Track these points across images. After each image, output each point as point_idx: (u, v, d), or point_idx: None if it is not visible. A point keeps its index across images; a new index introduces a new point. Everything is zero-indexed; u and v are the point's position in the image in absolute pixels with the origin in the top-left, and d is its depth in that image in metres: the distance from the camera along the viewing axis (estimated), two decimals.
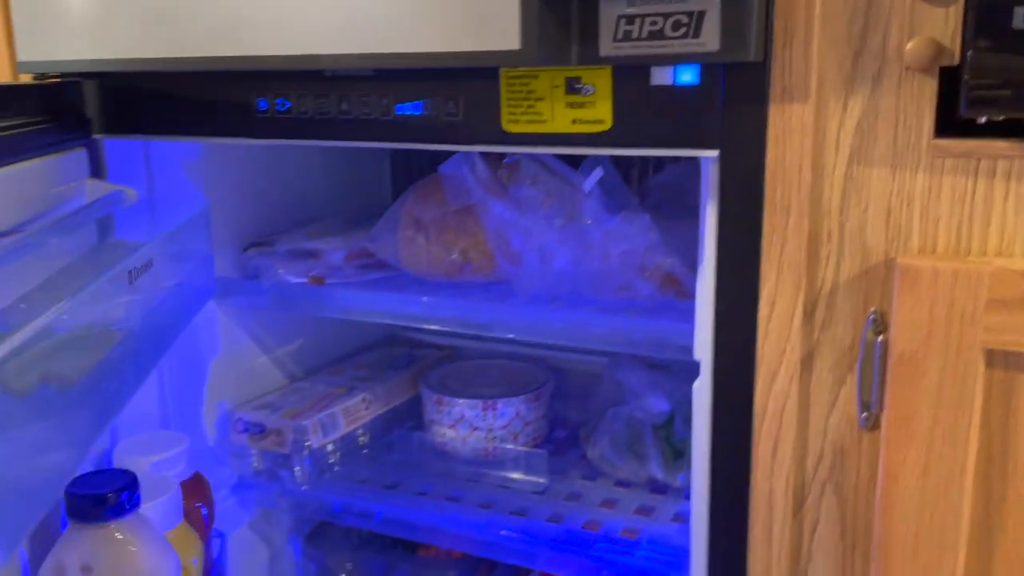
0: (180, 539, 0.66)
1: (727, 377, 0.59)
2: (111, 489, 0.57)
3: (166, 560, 0.59)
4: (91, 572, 0.57)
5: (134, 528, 0.58)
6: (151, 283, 0.65)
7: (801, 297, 0.55)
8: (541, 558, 0.82)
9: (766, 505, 0.58)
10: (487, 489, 0.91)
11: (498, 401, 0.94)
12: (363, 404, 0.97)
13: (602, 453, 0.92)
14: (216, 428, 0.92)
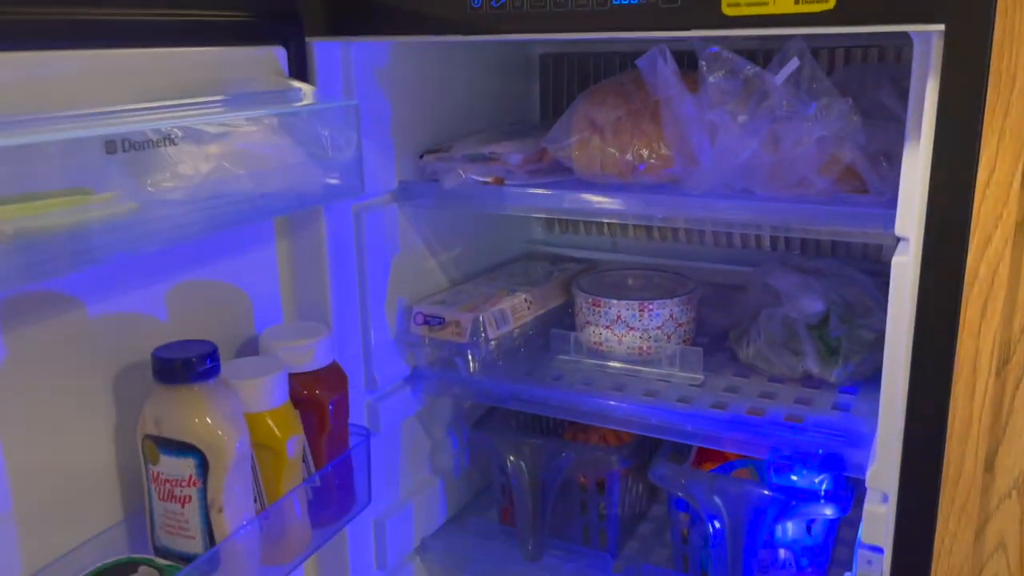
0: (283, 417, 0.70)
1: (937, 247, 0.63)
2: (186, 356, 0.63)
3: (231, 429, 0.64)
4: (160, 424, 0.64)
5: (205, 393, 0.64)
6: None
7: (1022, 162, 0.58)
8: (712, 439, 0.87)
9: (971, 364, 0.63)
10: (647, 383, 0.96)
11: (653, 302, 1.00)
12: (525, 304, 1.04)
13: (758, 350, 0.97)
14: (396, 322, 0.99)
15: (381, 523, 1.01)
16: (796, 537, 0.92)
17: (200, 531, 0.64)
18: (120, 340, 0.67)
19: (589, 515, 1.04)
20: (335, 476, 0.76)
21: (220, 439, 0.63)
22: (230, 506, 0.64)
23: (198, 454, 0.63)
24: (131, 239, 0.53)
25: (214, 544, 0.64)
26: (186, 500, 0.64)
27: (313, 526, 0.75)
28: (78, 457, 0.65)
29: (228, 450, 0.63)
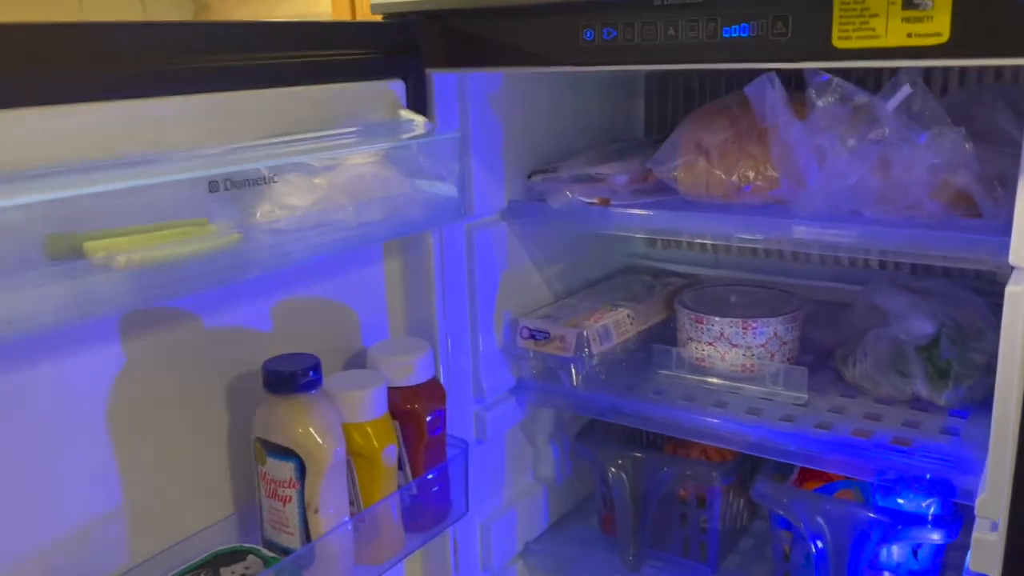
0: (380, 428, 0.76)
1: None
2: (291, 369, 0.69)
3: (328, 438, 0.70)
4: (267, 429, 0.71)
5: (307, 403, 0.70)
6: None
7: None
8: (815, 460, 0.88)
9: None
10: (749, 400, 0.97)
11: (757, 320, 1.00)
12: (628, 319, 1.06)
13: (864, 371, 0.97)
14: (503, 334, 1.04)
15: (487, 527, 1.06)
16: (901, 561, 0.92)
17: (298, 528, 0.70)
18: (236, 350, 0.73)
19: (689, 528, 1.06)
20: (431, 485, 0.81)
21: (317, 447, 0.69)
22: (325, 508, 0.70)
23: (297, 459, 0.69)
24: (232, 267, 0.59)
25: (310, 541, 0.69)
26: (287, 500, 0.70)
27: (409, 531, 0.80)
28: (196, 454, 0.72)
29: (324, 458, 0.69)
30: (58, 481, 0.63)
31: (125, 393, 0.66)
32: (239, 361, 0.73)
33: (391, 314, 0.88)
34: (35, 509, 0.62)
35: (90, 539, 0.65)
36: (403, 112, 0.80)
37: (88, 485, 0.65)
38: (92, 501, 0.65)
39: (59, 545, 0.63)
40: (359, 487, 0.75)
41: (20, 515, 0.61)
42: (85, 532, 0.65)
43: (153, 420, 0.69)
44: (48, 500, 0.62)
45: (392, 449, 0.76)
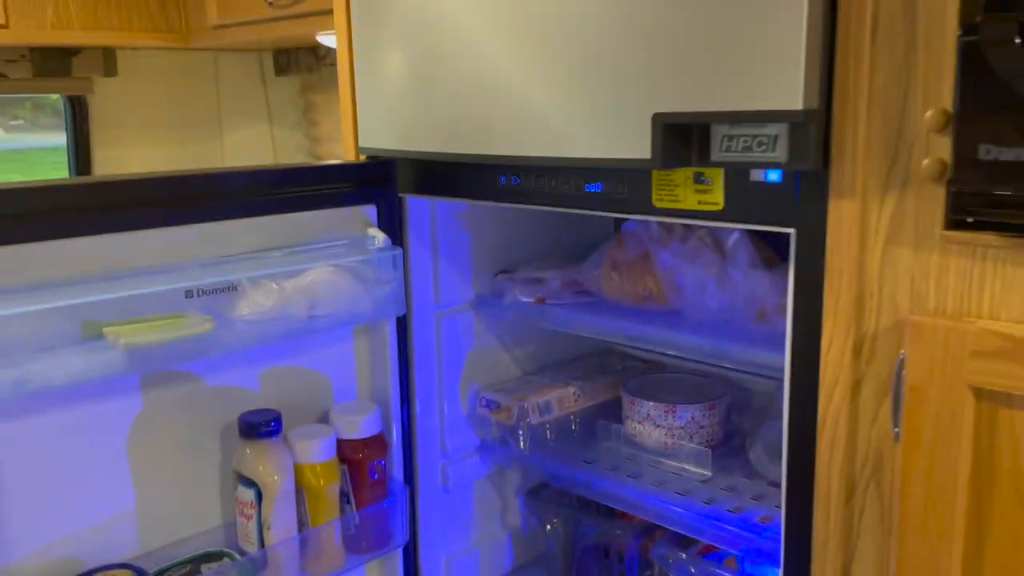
0: (326, 469, 1.00)
1: (799, 394, 0.80)
2: (256, 420, 0.96)
3: (279, 474, 0.96)
4: (240, 464, 0.96)
5: (267, 447, 0.96)
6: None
7: (851, 339, 0.75)
8: (691, 527, 1.05)
9: (825, 495, 0.79)
10: (663, 474, 1.16)
11: (678, 406, 1.19)
12: (574, 396, 1.27)
13: (757, 457, 1.13)
14: (468, 402, 1.27)
15: (450, 563, 1.28)
16: None
17: (256, 540, 0.95)
18: (229, 404, 1.00)
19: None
20: (371, 517, 1.04)
21: (271, 480, 0.95)
22: (276, 526, 0.95)
23: (256, 487, 0.95)
24: (205, 348, 0.86)
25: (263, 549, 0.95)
26: (249, 518, 0.95)
27: (354, 552, 1.04)
28: (193, 479, 0.99)
29: (275, 488, 0.95)
30: (88, 488, 0.92)
31: (142, 429, 0.95)
32: (231, 412, 1.01)
33: (359, 381, 1.13)
34: (71, 508, 0.90)
35: (109, 531, 0.93)
36: (371, 230, 1.06)
37: (110, 494, 0.93)
38: (112, 505, 0.93)
39: (87, 533, 0.92)
40: (308, 513, 1.00)
41: (59, 512, 0.90)
42: (106, 526, 0.93)
43: (162, 451, 0.97)
44: (80, 501, 0.91)
45: (335, 487, 1.01)
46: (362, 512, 1.05)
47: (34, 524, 0.88)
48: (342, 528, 1.03)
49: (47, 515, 0.89)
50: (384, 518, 1.07)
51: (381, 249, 1.03)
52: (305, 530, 0.99)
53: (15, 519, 0.86)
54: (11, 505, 0.86)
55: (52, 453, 0.88)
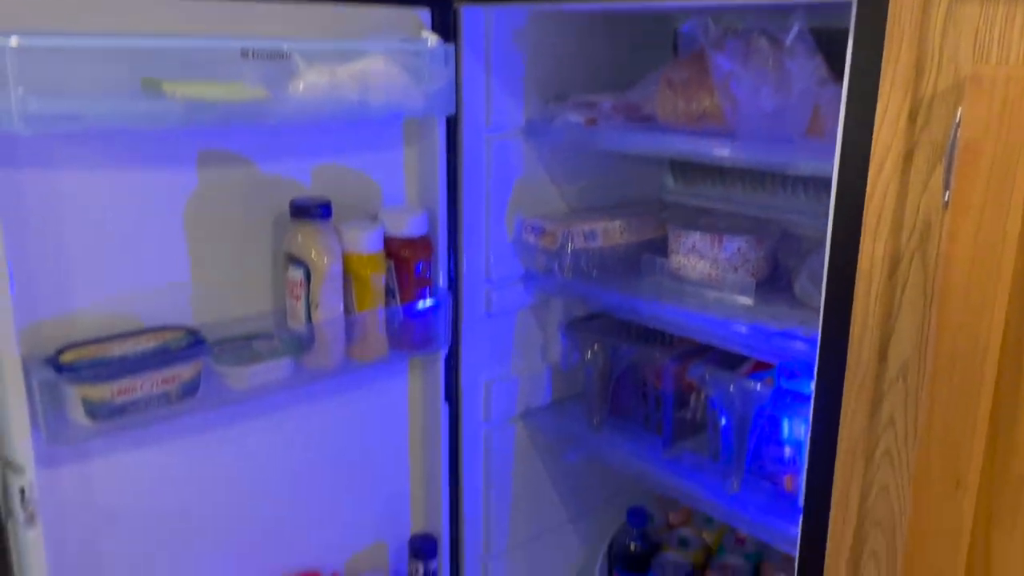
0: (372, 260, 1.03)
1: (850, 164, 0.79)
2: (308, 203, 0.99)
3: (328, 256, 0.99)
4: (289, 245, 1.00)
5: (317, 229, 0.99)
6: None
7: (907, 105, 0.73)
8: (733, 340, 1.06)
9: (868, 269, 0.78)
10: (706, 302, 1.16)
11: (724, 236, 1.19)
12: (619, 229, 1.27)
13: (802, 287, 1.13)
14: (514, 230, 1.28)
15: (489, 385, 1.31)
16: (799, 438, 1.08)
17: (304, 320, 0.99)
18: (282, 193, 1.03)
19: (649, 406, 1.26)
20: (414, 314, 1.08)
21: (320, 260, 0.98)
22: (323, 306, 0.99)
23: (305, 267, 0.97)
24: (261, 111, 0.88)
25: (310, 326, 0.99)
26: (298, 298, 0.99)
27: (398, 348, 1.08)
28: (246, 260, 1.02)
29: (323, 269, 0.98)
30: (147, 253, 0.95)
31: (198, 205, 0.98)
32: (283, 201, 1.03)
33: (408, 188, 1.15)
34: (130, 268, 0.95)
35: (164, 298, 0.97)
36: (424, 32, 1.07)
37: (167, 262, 0.97)
38: (168, 272, 0.97)
39: (143, 296, 0.96)
40: (355, 299, 1.04)
41: (119, 269, 0.94)
42: (162, 292, 0.97)
43: (216, 229, 1.00)
44: (139, 264, 0.95)
45: (380, 276, 1.04)
46: (406, 307, 1.07)
47: (95, 277, 0.92)
48: (387, 319, 1.06)
49: (107, 271, 0.93)
50: (427, 318, 1.10)
51: (428, 46, 1.03)
52: (352, 314, 1.03)
53: (78, 269, 0.91)
54: (74, 255, 0.90)
55: (114, 212, 0.92)
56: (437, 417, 1.22)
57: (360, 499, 1.20)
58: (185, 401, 0.91)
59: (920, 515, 0.77)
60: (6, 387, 0.81)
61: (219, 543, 1.07)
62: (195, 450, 1.02)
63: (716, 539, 1.44)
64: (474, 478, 1.31)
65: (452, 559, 1.29)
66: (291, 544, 1.14)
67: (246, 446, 1.07)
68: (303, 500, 1.14)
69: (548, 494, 1.45)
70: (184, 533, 1.04)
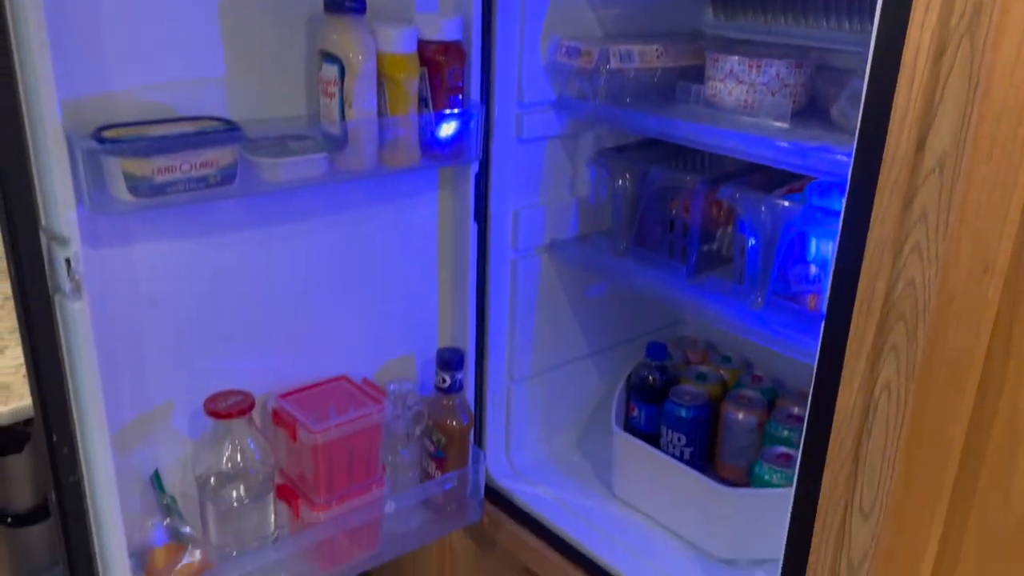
0: (406, 61, 1.02)
1: None
2: None
3: (362, 51, 0.96)
4: (325, 41, 0.98)
5: (351, 23, 0.96)
6: None
7: None
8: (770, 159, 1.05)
9: (912, 57, 0.76)
10: (742, 126, 1.15)
11: (763, 60, 1.16)
12: (656, 52, 1.25)
13: (841, 109, 1.11)
14: (548, 53, 1.26)
15: (518, 214, 1.32)
16: (827, 256, 1.09)
17: (338, 119, 1.00)
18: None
19: (675, 233, 1.27)
20: (447, 121, 1.07)
21: (355, 55, 0.97)
22: (357, 105, 0.99)
23: (339, 63, 0.97)
24: None
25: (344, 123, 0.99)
26: (332, 96, 0.99)
27: (429, 157, 1.08)
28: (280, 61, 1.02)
29: (358, 65, 0.97)
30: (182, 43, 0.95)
31: None
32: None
33: None
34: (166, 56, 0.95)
35: (200, 90, 0.97)
36: None
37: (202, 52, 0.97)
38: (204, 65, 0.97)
39: (179, 85, 0.96)
40: (388, 103, 1.03)
41: (154, 56, 0.94)
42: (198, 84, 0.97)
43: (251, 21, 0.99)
44: (174, 52, 0.95)
45: (414, 80, 1.03)
46: (439, 114, 1.07)
47: (133, 62, 0.92)
48: (419, 125, 1.06)
49: (144, 56, 0.93)
50: (459, 127, 1.10)
51: None
52: (385, 116, 1.03)
53: (115, 51, 0.91)
54: (112, 35, 0.90)
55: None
56: (467, 238, 1.24)
57: (389, 311, 1.24)
58: (223, 187, 0.93)
59: (945, 301, 0.78)
60: (51, 157, 0.83)
61: (254, 340, 1.11)
62: (231, 248, 1.05)
63: (733, 376, 1.47)
64: (500, 303, 1.34)
65: (477, 378, 1.33)
66: (320, 348, 1.18)
67: (280, 249, 1.09)
68: (333, 307, 1.17)
69: (571, 326, 1.48)
70: (221, 328, 1.07)
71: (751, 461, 1.36)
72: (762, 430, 1.35)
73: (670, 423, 1.38)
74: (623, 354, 1.57)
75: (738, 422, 1.35)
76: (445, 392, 1.21)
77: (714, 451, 1.40)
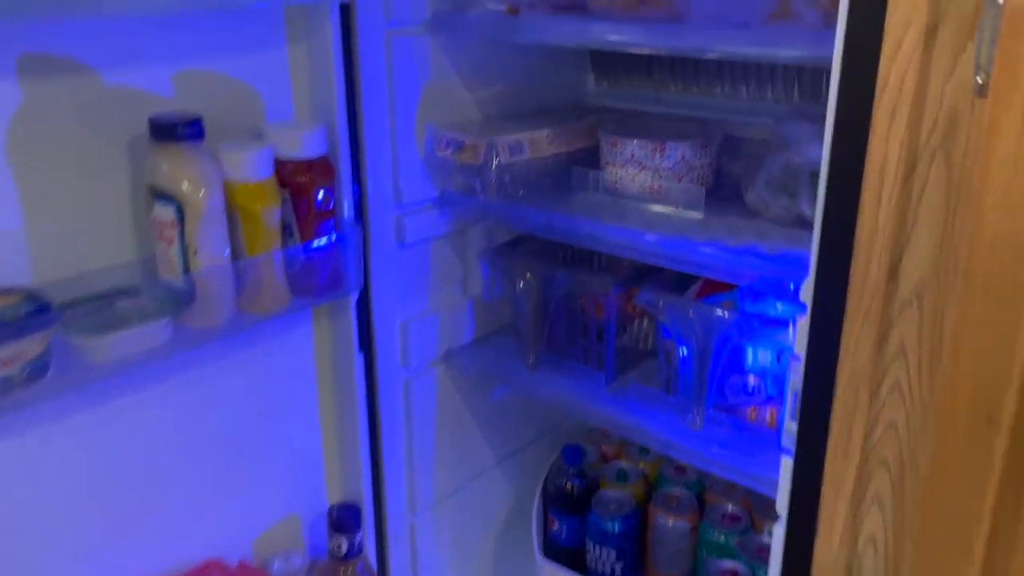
0: (262, 189, 0.83)
1: (855, 51, 0.65)
2: (174, 120, 0.77)
3: (204, 186, 0.78)
4: (154, 175, 0.78)
5: (188, 152, 0.78)
6: None
7: None
8: (691, 263, 0.93)
9: (878, 173, 0.65)
10: (651, 217, 1.02)
11: (667, 143, 1.04)
12: (547, 139, 1.11)
13: (758, 193, 1.01)
14: (425, 145, 1.10)
15: (406, 327, 1.14)
16: (766, 365, 0.98)
17: (180, 269, 0.79)
18: (137, 110, 0.80)
19: (589, 338, 1.13)
20: (318, 252, 0.88)
21: (194, 193, 0.77)
22: (203, 251, 0.78)
23: (177, 203, 0.77)
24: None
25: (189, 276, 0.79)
26: (171, 241, 0.78)
27: (301, 294, 0.88)
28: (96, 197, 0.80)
29: (200, 204, 0.77)
30: None
31: (26, 131, 0.75)
32: (140, 120, 0.81)
33: (297, 100, 0.94)
34: None
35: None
36: None
37: None
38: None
39: None
40: (243, 241, 0.84)
41: None
42: None
43: (54, 162, 0.78)
44: None
45: (274, 210, 0.84)
46: (308, 246, 0.88)
47: None
48: (285, 262, 0.87)
49: None
50: (334, 256, 0.91)
51: None
52: (241, 259, 0.83)
53: None
54: None
55: None
56: (351, 370, 1.05)
57: (266, 472, 1.03)
58: (33, 386, 0.71)
59: (941, 456, 0.67)
60: None
61: (102, 537, 0.88)
62: (58, 438, 0.82)
63: (654, 469, 1.35)
64: (394, 434, 1.15)
65: (376, 525, 1.14)
66: (185, 532, 0.96)
67: (120, 427, 0.87)
68: (194, 481, 0.95)
69: (474, 437, 1.32)
70: (59, 531, 0.84)
71: (687, 568, 1.24)
72: (696, 533, 1.23)
73: (597, 538, 1.24)
74: (534, 455, 1.42)
75: (669, 529, 1.23)
76: (343, 560, 1.02)
77: (645, 560, 1.27)
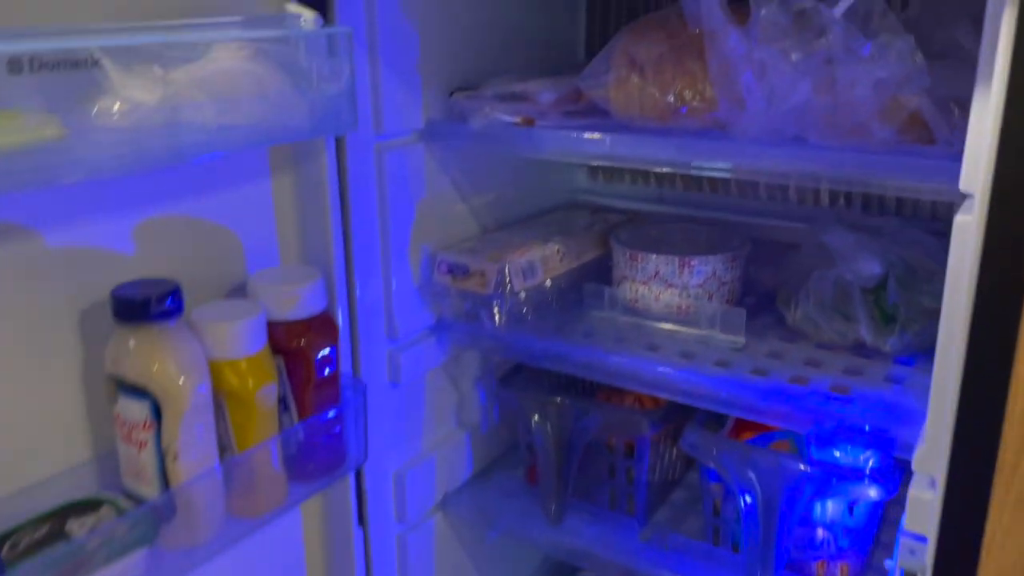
0: (256, 365, 0.66)
1: (1005, 205, 0.55)
2: (143, 295, 0.60)
3: (187, 375, 0.61)
4: (119, 365, 0.61)
5: (163, 334, 0.61)
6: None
7: None
8: (748, 408, 0.81)
9: None
10: (683, 344, 0.90)
11: (694, 259, 0.93)
12: (557, 255, 0.98)
13: (806, 314, 0.90)
14: (420, 269, 0.95)
15: (401, 476, 0.98)
16: (836, 517, 0.86)
17: (156, 477, 0.61)
18: (90, 275, 0.63)
19: (617, 479, 0.99)
20: (321, 430, 0.72)
21: (174, 385, 0.60)
22: (186, 455, 0.61)
23: (151, 398, 0.60)
24: (50, 168, 0.49)
25: (168, 491, 0.61)
26: (142, 444, 0.61)
27: (296, 480, 0.72)
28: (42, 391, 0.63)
29: (182, 397, 0.60)
30: None
31: None
32: (94, 288, 0.64)
33: (282, 241, 0.78)
34: None
35: None
36: (289, 5, 0.70)
37: None
38: None
39: None
40: (232, 431, 0.67)
41: None
42: None
43: None
44: None
45: (271, 389, 0.67)
46: (307, 423, 0.72)
47: None
48: (282, 448, 0.70)
49: None
50: (338, 429, 0.75)
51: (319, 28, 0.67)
52: (230, 456, 0.66)
53: None
54: None
55: None
56: (348, 546, 0.88)
57: None
58: None
59: None
60: None
61: None
62: None
63: None
64: None
65: None
66: None
67: None
68: None
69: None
70: None
71: None
72: None
73: None
74: None
75: None
76: None
77: None
